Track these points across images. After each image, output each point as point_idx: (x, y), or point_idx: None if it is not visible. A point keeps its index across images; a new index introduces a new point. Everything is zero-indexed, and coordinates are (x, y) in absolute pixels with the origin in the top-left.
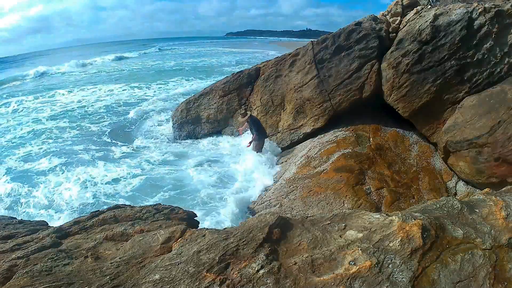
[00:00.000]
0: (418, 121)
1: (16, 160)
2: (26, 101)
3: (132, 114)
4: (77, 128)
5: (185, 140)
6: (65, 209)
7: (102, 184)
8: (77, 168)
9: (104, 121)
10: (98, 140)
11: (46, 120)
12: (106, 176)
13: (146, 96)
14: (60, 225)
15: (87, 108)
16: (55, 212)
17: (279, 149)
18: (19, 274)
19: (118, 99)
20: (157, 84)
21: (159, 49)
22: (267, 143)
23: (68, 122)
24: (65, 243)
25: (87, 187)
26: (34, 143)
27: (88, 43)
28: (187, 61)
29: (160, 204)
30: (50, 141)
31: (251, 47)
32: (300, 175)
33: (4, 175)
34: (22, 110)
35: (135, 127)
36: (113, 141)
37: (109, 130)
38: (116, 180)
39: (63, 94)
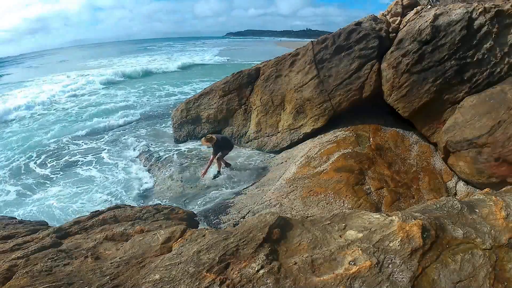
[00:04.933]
0: (418, 121)
1: None
2: None
3: None
4: None
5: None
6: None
7: None
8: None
9: None
10: None
11: None
12: None
13: None
14: (60, 225)
15: None
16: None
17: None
18: (19, 274)
19: None
20: None
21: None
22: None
23: None
24: (65, 243)
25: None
26: None
27: (89, 43)
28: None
29: (160, 204)
30: None
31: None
32: (300, 175)
33: None
34: None
35: None
36: None
37: None
38: None
39: None
